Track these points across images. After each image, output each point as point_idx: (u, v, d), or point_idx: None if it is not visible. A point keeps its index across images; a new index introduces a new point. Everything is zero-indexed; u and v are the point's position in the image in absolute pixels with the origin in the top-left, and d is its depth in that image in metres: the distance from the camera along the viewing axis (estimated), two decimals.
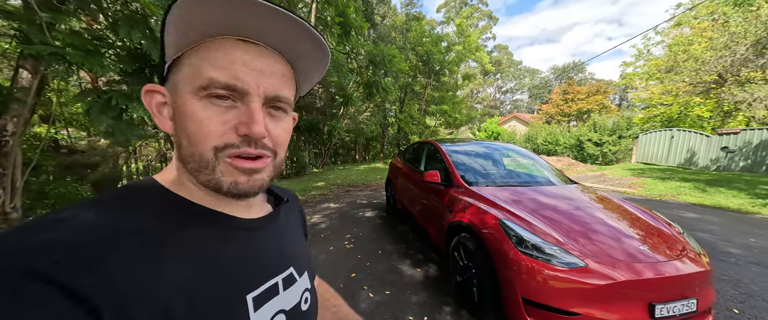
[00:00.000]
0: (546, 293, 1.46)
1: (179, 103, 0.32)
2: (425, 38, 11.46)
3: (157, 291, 0.27)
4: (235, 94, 0.32)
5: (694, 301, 1.41)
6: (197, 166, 0.32)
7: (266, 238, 0.41)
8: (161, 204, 0.34)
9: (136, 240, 0.28)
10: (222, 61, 0.31)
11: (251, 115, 0.32)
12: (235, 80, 0.31)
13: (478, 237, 1.86)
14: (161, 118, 0.35)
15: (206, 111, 0.31)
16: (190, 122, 0.31)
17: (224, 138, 0.32)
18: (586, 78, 38.31)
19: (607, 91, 22.41)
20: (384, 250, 3.07)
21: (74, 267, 0.24)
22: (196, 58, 0.32)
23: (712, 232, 3.94)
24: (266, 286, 0.37)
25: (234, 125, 0.32)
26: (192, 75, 0.31)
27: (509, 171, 2.88)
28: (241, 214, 0.39)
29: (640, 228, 1.77)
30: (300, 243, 0.49)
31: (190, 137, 0.32)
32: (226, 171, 0.33)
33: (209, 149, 0.32)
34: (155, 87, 0.35)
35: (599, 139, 12.95)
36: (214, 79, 0.31)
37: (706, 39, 8.06)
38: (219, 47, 0.32)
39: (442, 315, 1.95)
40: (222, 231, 0.36)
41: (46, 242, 0.24)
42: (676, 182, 7.95)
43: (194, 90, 0.31)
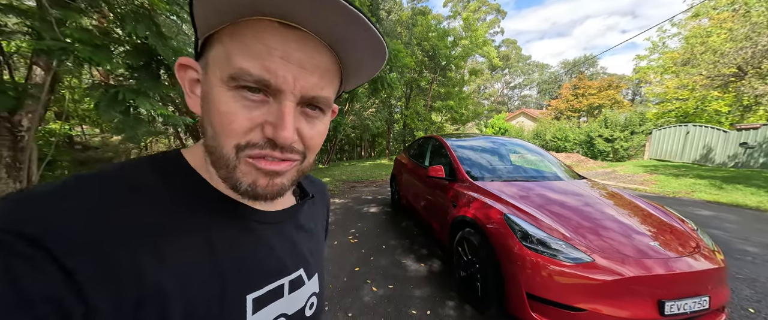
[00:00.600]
0: (551, 288, 1.43)
1: (208, 88, 0.29)
2: (431, 33, 11.30)
3: (150, 277, 0.25)
4: (267, 89, 0.28)
5: (706, 299, 1.37)
6: (217, 161, 0.30)
7: (281, 235, 0.38)
8: (180, 183, 0.32)
9: (140, 224, 0.27)
10: (257, 49, 0.27)
11: (282, 117, 0.28)
12: (269, 75, 0.27)
13: (482, 232, 1.84)
14: (193, 97, 0.32)
15: (234, 104, 0.28)
16: (215, 112, 0.28)
17: (248, 136, 0.29)
18: (598, 72, 37.31)
19: (619, 86, 21.79)
20: (388, 245, 3.08)
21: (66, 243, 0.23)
22: (229, 41, 0.28)
23: (728, 230, 3.81)
24: (271, 287, 0.35)
25: (260, 123, 0.29)
26: (223, 59, 0.28)
27: (515, 167, 2.83)
28: (262, 206, 0.37)
29: (651, 224, 1.72)
30: (316, 244, 0.46)
31: (215, 128, 0.29)
32: (246, 171, 0.30)
33: (231, 146, 0.29)
34: (189, 61, 0.32)
35: (610, 134, 12.64)
36: (245, 71, 0.27)
37: (725, 30, 7.71)
38: (255, 31, 0.27)
39: (445, 310, 1.94)
40: (235, 222, 0.33)
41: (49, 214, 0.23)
42: (691, 179, 7.70)
43: (224, 78, 0.28)
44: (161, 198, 0.29)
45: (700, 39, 9.10)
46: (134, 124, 1.95)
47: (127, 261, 0.24)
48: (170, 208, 0.29)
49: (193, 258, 0.29)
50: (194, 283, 0.28)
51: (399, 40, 10.54)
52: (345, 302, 2.03)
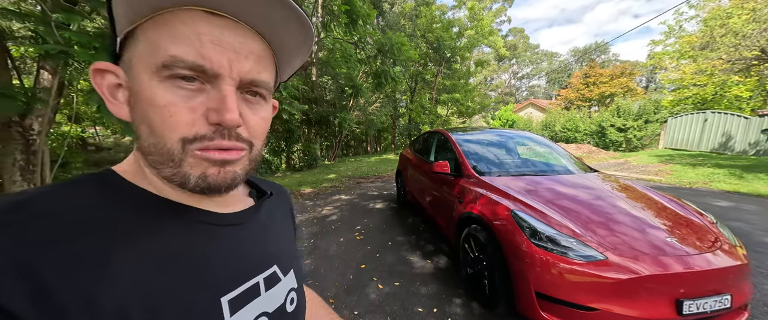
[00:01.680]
0: (561, 287, 1.38)
1: (136, 86, 0.27)
2: (435, 24, 11.06)
3: (106, 297, 0.24)
4: (203, 75, 0.27)
5: (728, 297, 1.30)
6: (160, 159, 0.28)
7: (245, 234, 0.37)
8: (118, 197, 0.29)
9: (81, 239, 0.25)
10: (186, 35, 0.26)
11: (223, 101, 0.28)
12: (203, 59, 0.27)
13: (489, 229, 1.80)
14: (116, 104, 0.30)
15: (170, 95, 0.27)
16: (151, 109, 0.27)
17: (194, 128, 0.27)
18: (610, 59, 36.04)
19: (633, 73, 21.00)
20: (394, 242, 3.06)
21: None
22: (154, 32, 0.26)
23: (749, 221, 3.65)
24: (245, 287, 0.33)
25: (203, 112, 0.28)
26: (150, 52, 0.27)
27: (523, 160, 2.75)
28: (215, 209, 0.35)
29: (667, 219, 1.64)
30: (286, 240, 0.45)
31: (152, 126, 0.27)
32: (193, 163, 0.29)
33: (176, 141, 0.27)
34: (106, 65, 0.29)
35: (623, 124, 12.24)
36: (177, 57, 0.26)
37: (747, 11, 7.29)
38: (182, 19, 0.26)
39: (452, 307, 1.92)
40: (190, 227, 0.32)
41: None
42: (709, 168, 7.41)
43: (154, 70, 0.26)
44: (100, 215, 0.27)
45: (719, 21, 8.61)
46: None
47: (70, 287, 0.23)
48: (113, 224, 0.27)
49: (151, 272, 0.27)
50: (157, 294, 0.27)
51: (402, 32, 10.36)
52: (351, 300, 2.02)
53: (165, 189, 0.32)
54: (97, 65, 0.29)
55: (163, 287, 0.27)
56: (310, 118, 9.10)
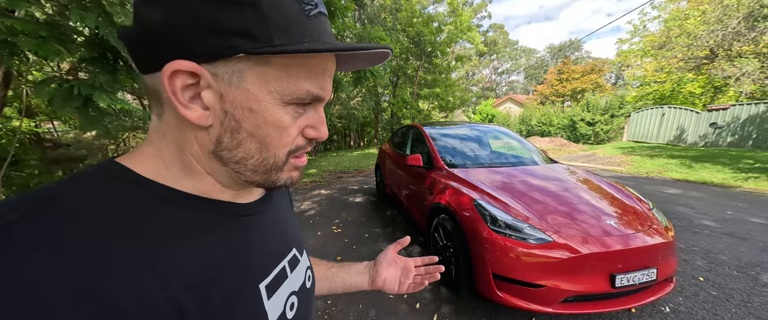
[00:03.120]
0: (514, 268, 1.51)
1: (251, 104, 0.28)
2: (415, 18, 11.10)
3: (161, 297, 0.24)
4: (315, 102, 0.32)
5: (653, 271, 1.48)
6: (263, 168, 0.31)
7: (266, 222, 0.39)
8: (145, 195, 0.28)
9: (124, 240, 0.24)
10: (317, 73, 0.30)
11: (321, 121, 0.33)
12: (323, 92, 0.31)
13: (455, 218, 1.90)
14: (194, 109, 0.27)
15: (289, 118, 0.30)
16: (271, 128, 0.30)
17: (296, 142, 0.32)
18: (583, 56, 37.80)
19: (601, 70, 22.20)
20: (371, 234, 3.14)
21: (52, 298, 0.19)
22: (296, 66, 0.29)
23: (692, 206, 4.06)
24: (276, 271, 0.36)
25: (303, 128, 0.32)
26: (285, 82, 0.28)
27: (491, 153, 2.90)
28: (240, 200, 0.36)
29: (610, 203, 1.82)
30: (293, 222, 0.48)
31: (267, 143, 0.30)
32: (289, 168, 0.33)
33: (284, 154, 0.32)
34: (194, 67, 0.26)
35: (592, 118, 13.00)
36: (310, 93, 0.30)
37: (700, 13, 7.92)
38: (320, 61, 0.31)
39: (421, 293, 2.02)
40: (222, 219, 0.33)
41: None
42: (664, 159, 8.08)
43: (286, 98, 0.29)
44: (132, 215, 0.26)
45: (677, 22, 9.33)
46: (97, 118, 1.86)
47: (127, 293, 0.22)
48: (151, 223, 0.27)
49: (197, 265, 0.28)
50: (207, 290, 0.28)
51: (383, 26, 10.30)
52: None
53: (190, 186, 0.31)
54: (183, 66, 0.26)
55: (208, 279, 0.28)
56: None
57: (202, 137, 0.29)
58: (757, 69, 5.66)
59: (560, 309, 1.45)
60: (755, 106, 8.46)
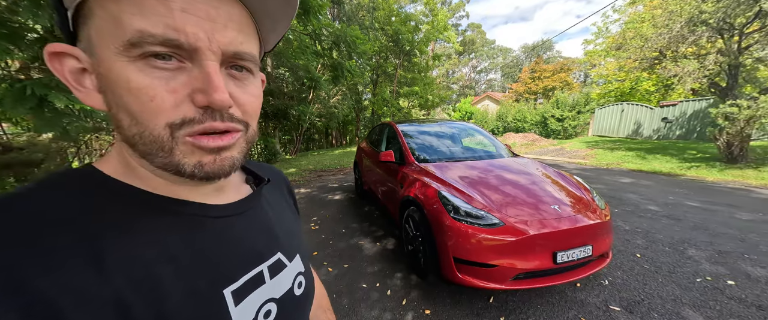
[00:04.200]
0: (472, 251, 1.67)
1: (104, 69, 0.24)
2: (393, 17, 11.23)
3: (102, 297, 0.22)
4: (180, 51, 0.24)
5: (589, 248, 1.69)
6: (149, 148, 0.26)
7: (246, 224, 0.36)
8: (106, 196, 0.27)
9: (72, 238, 0.23)
10: (152, 5, 0.23)
11: (208, 79, 0.25)
12: (175, 32, 0.23)
13: (422, 209, 2.04)
14: (83, 91, 0.26)
15: (145, 77, 0.23)
16: (126, 94, 0.24)
17: (179, 111, 0.25)
18: (554, 56, 39.77)
19: (570, 69, 23.53)
20: (348, 229, 3.22)
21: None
22: (112, 2, 0.23)
23: (641, 193, 4.50)
24: (248, 277, 0.33)
25: (187, 94, 0.25)
26: (110, 26, 0.23)
27: (458, 148, 3.07)
28: (211, 200, 0.33)
29: (557, 190, 2.03)
30: (289, 225, 0.44)
31: (133, 114, 0.24)
32: (186, 151, 0.26)
33: (162, 127, 0.25)
34: (63, 47, 0.25)
35: (561, 114, 13.79)
36: (146, 33, 0.22)
37: (651, 17, 8.66)
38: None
39: (393, 281, 2.15)
40: (187, 221, 0.30)
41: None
42: (623, 152, 8.80)
43: (120, 49, 0.23)
44: (85, 214, 0.25)
45: (635, 24, 10.14)
46: (53, 119, 1.80)
47: (61, 288, 0.21)
48: (102, 223, 0.25)
49: (147, 266, 0.26)
50: (161, 291, 0.26)
51: (360, 24, 10.32)
52: None
53: (157, 184, 0.29)
54: (52, 48, 0.25)
55: (163, 284, 0.26)
56: (267, 111, 8.75)
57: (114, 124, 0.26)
58: (696, 69, 6.31)
59: (512, 285, 1.62)
60: (699, 102, 9.40)
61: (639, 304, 1.77)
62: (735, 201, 3.96)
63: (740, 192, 4.57)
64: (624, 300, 1.82)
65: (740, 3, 5.53)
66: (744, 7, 5.57)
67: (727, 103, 5.82)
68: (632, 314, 1.69)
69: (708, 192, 4.52)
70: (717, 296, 1.82)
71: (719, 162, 6.30)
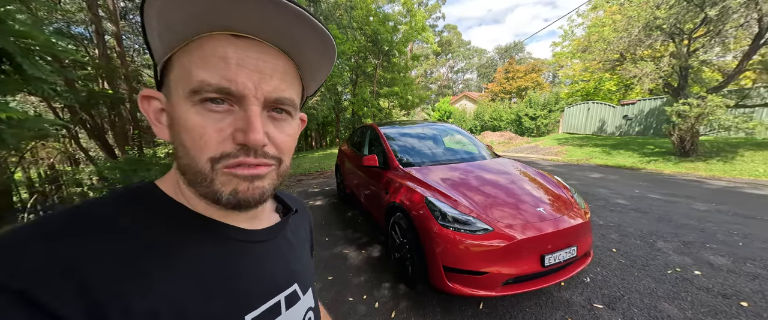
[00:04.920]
0: (462, 259, 1.62)
1: (173, 110, 0.30)
2: (372, 17, 11.13)
3: (139, 306, 0.25)
4: (230, 97, 0.29)
5: (574, 248, 1.72)
6: (195, 178, 0.30)
7: (271, 252, 0.38)
8: (157, 211, 0.31)
9: (122, 250, 0.27)
10: (213, 60, 0.28)
11: (249, 121, 0.29)
12: (228, 82, 0.28)
13: (408, 216, 1.97)
14: (159, 126, 0.32)
15: (200, 118, 0.29)
16: (184, 131, 0.29)
17: (220, 147, 0.29)
18: (525, 57, 41.72)
19: (541, 70, 24.77)
20: (332, 236, 3.09)
21: (38, 277, 0.23)
22: (186, 59, 0.29)
23: (609, 188, 4.77)
24: (268, 305, 0.35)
25: (231, 133, 0.29)
26: (183, 77, 0.29)
27: (442, 150, 3.05)
28: (245, 224, 0.37)
29: (541, 192, 2.05)
30: (306, 258, 0.47)
31: (186, 147, 0.29)
32: (224, 181, 0.30)
33: (205, 161, 0.29)
34: (151, 92, 0.32)
35: (534, 113, 14.45)
36: (205, 82, 0.28)
37: (613, 21, 9.29)
38: (210, 45, 0.29)
39: (380, 291, 2.06)
40: (222, 243, 0.34)
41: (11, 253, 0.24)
42: (590, 148, 9.36)
43: (186, 94, 0.28)
44: (139, 229, 0.29)
45: (597, 29, 10.87)
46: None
47: (110, 295, 0.25)
48: (151, 238, 0.29)
49: (183, 284, 0.29)
50: (188, 309, 0.28)
51: (337, 24, 10.12)
52: None
53: (200, 205, 0.33)
54: (145, 92, 0.32)
55: (191, 302, 0.29)
56: None
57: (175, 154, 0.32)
58: (653, 70, 6.84)
59: (502, 291, 1.60)
60: (654, 101, 10.24)
61: (619, 300, 1.83)
62: (690, 193, 4.31)
63: (693, 183, 5.00)
64: (605, 296, 1.87)
65: (688, 10, 6.06)
66: (691, 14, 6.12)
67: (680, 101, 6.35)
68: (614, 310, 1.74)
69: (667, 185, 4.89)
70: (687, 287, 1.93)
71: (674, 156, 6.88)
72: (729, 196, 4.07)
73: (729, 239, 2.65)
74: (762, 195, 4.10)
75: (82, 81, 5.25)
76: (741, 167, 5.67)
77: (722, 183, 4.92)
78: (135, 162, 4.37)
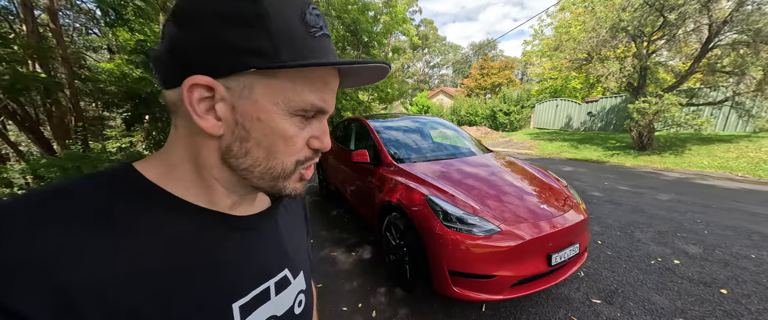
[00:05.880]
0: (468, 262, 1.52)
1: (259, 114, 0.30)
2: (350, 5, 10.67)
3: (122, 304, 0.25)
4: (318, 114, 0.33)
5: (577, 245, 1.69)
6: (270, 175, 0.32)
7: (261, 237, 0.38)
8: (145, 198, 0.30)
9: (104, 245, 0.25)
10: (319, 86, 0.31)
11: (324, 132, 0.34)
12: (324, 104, 0.32)
13: (407, 216, 1.83)
14: (209, 120, 0.29)
15: (295, 129, 0.32)
16: (278, 138, 0.31)
17: (303, 152, 0.33)
18: (498, 55, 43.25)
19: (513, 67, 25.81)
20: (317, 238, 2.87)
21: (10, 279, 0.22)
22: (300, 81, 0.30)
23: (582, 180, 5.03)
24: (257, 292, 0.35)
25: (308, 139, 0.33)
26: (291, 93, 0.30)
27: (436, 145, 2.94)
28: (237, 211, 0.36)
29: (540, 188, 2.01)
30: (298, 241, 0.47)
31: (275, 152, 0.31)
32: (296, 179, 0.34)
33: (292, 163, 0.33)
34: (208, 81, 0.28)
35: (508, 109, 15.02)
36: (312, 104, 0.31)
37: (580, 22, 9.79)
38: (322, 76, 0.32)
39: (376, 298, 1.91)
40: (211, 231, 0.33)
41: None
42: (559, 142, 9.91)
43: (289, 108, 0.30)
44: (123, 220, 0.27)
45: (564, 29, 11.43)
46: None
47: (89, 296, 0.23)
48: (136, 229, 0.28)
49: (169, 277, 0.28)
50: (173, 303, 0.28)
51: None
52: None
53: (195, 194, 0.32)
54: (203, 80, 0.28)
55: (179, 291, 0.28)
56: None
57: (214, 146, 0.31)
58: (617, 70, 7.32)
59: (510, 293, 1.52)
60: (615, 99, 11.07)
61: (615, 294, 1.85)
62: (653, 184, 4.67)
63: (652, 175, 5.44)
64: (601, 291, 1.89)
65: (650, 13, 6.52)
66: (652, 17, 6.58)
67: (641, 99, 6.87)
68: (612, 305, 1.75)
69: (630, 177, 5.27)
70: (671, 277, 2.02)
71: (633, 150, 7.48)
72: (684, 187, 4.47)
73: (695, 227, 2.86)
74: (710, 185, 4.55)
75: (7, 63, 4.39)
76: (689, 160, 6.30)
77: (675, 175, 5.41)
78: (78, 157, 3.75)
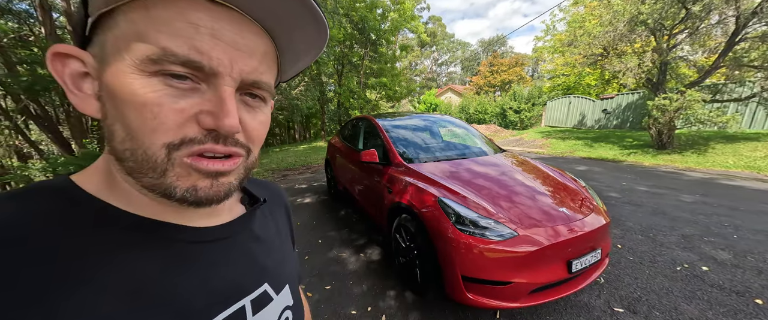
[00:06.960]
0: (483, 267, 1.45)
1: (111, 78, 0.23)
2: (358, 3, 10.62)
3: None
4: (198, 73, 0.24)
5: (599, 251, 1.60)
6: (138, 166, 0.24)
7: (232, 250, 0.33)
8: (79, 214, 0.25)
9: (29, 275, 0.21)
10: (181, 26, 0.23)
11: (222, 104, 0.24)
12: (200, 56, 0.23)
13: (418, 218, 1.77)
14: (80, 95, 0.25)
15: (154, 93, 0.23)
16: (130, 107, 0.23)
17: (181, 131, 0.24)
18: (507, 51, 42.41)
19: (523, 64, 25.26)
20: (325, 238, 2.85)
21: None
22: (141, 17, 0.22)
23: (598, 180, 4.85)
24: (228, 313, 0.30)
25: (194, 114, 0.24)
26: (133, 39, 0.22)
27: (446, 144, 2.87)
28: (199, 222, 0.31)
29: (557, 190, 1.92)
30: (281, 251, 0.41)
31: (131, 128, 0.23)
32: (181, 173, 0.25)
33: (159, 146, 0.24)
34: (71, 49, 0.24)
35: (518, 106, 14.70)
36: (169, 51, 0.22)
37: (596, 17, 9.44)
38: (178, 5, 0.23)
39: (386, 301, 1.86)
40: (165, 248, 0.28)
41: None
42: (572, 141, 9.62)
43: (138, 62, 0.22)
44: (51, 244, 0.22)
45: (578, 24, 11.07)
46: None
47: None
48: (67, 255, 0.23)
49: (120, 302, 0.23)
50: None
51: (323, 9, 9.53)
52: None
53: (141, 204, 0.27)
54: (60, 48, 0.24)
55: (120, 315, 0.23)
56: None
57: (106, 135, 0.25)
58: (635, 65, 7.02)
59: (528, 301, 1.45)
60: (632, 95, 10.66)
61: (638, 302, 1.75)
62: (674, 185, 4.46)
63: (672, 175, 5.20)
64: (624, 299, 1.79)
65: (672, 5, 6.21)
66: (674, 9, 6.27)
67: (661, 96, 6.58)
68: (636, 314, 1.65)
69: (650, 177, 5.05)
70: (700, 285, 1.89)
71: (652, 149, 7.17)
72: (708, 188, 4.24)
73: (723, 231, 2.69)
74: (737, 186, 4.30)
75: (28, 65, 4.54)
76: (713, 159, 5.99)
77: (698, 175, 5.15)
78: (94, 156, 3.84)
